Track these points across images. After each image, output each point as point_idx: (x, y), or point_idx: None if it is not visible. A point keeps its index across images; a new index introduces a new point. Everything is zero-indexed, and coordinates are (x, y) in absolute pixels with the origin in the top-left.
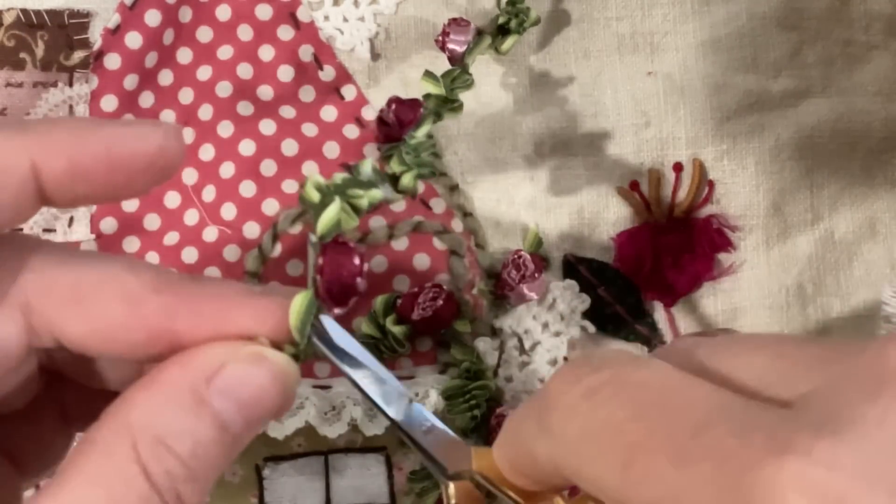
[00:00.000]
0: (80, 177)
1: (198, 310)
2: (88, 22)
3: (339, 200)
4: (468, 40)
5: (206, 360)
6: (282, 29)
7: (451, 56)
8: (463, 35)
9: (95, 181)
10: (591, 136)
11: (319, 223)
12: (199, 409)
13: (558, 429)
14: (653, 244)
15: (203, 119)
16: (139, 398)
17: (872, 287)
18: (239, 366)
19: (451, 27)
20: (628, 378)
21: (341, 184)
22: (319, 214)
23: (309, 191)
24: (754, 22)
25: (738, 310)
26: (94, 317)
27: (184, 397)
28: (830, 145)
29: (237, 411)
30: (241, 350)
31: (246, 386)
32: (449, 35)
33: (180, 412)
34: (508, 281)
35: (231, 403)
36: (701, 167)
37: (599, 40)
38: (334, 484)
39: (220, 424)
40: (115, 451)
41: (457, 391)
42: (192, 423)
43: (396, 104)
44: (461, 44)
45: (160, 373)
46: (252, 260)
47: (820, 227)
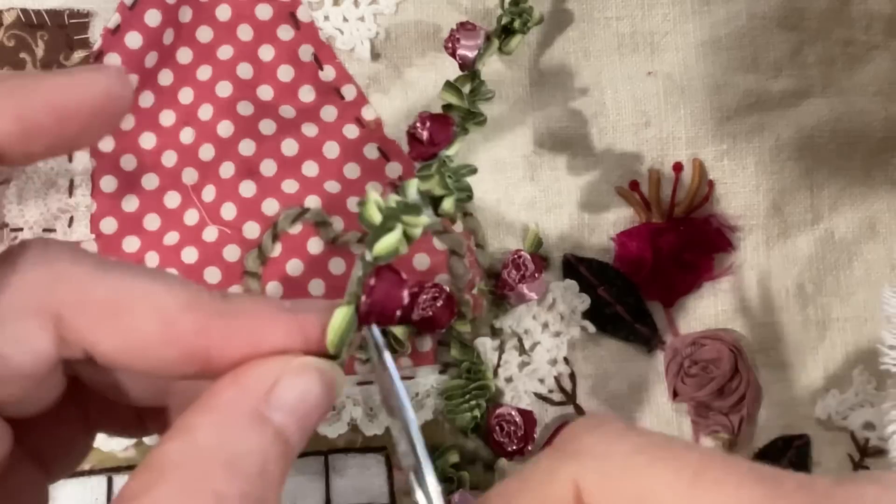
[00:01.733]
0: (32, 133)
1: (231, 328)
2: (88, 22)
3: (401, 227)
4: (478, 45)
5: (260, 378)
6: (282, 29)
7: (462, 62)
8: (473, 40)
9: (48, 135)
10: (591, 136)
11: (378, 245)
12: (263, 427)
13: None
14: (653, 244)
15: (203, 119)
16: (203, 422)
17: (873, 287)
18: (292, 379)
19: (459, 32)
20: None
21: (397, 208)
22: (379, 236)
23: (371, 210)
24: (754, 22)
25: (738, 310)
26: (128, 333)
27: (247, 417)
28: (830, 145)
29: (295, 423)
30: (291, 363)
31: (302, 398)
32: (459, 41)
33: (246, 433)
34: (508, 281)
35: (290, 417)
36: (701, 167)
37: (599, 40)
38: (334, 484)
39: (282, 438)
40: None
41: (457, 391)
42: (258, 441)
43: (430, 122)
44: (472, 49)
45: (217, 395)
46: (252, 260)
47: (820, 227)
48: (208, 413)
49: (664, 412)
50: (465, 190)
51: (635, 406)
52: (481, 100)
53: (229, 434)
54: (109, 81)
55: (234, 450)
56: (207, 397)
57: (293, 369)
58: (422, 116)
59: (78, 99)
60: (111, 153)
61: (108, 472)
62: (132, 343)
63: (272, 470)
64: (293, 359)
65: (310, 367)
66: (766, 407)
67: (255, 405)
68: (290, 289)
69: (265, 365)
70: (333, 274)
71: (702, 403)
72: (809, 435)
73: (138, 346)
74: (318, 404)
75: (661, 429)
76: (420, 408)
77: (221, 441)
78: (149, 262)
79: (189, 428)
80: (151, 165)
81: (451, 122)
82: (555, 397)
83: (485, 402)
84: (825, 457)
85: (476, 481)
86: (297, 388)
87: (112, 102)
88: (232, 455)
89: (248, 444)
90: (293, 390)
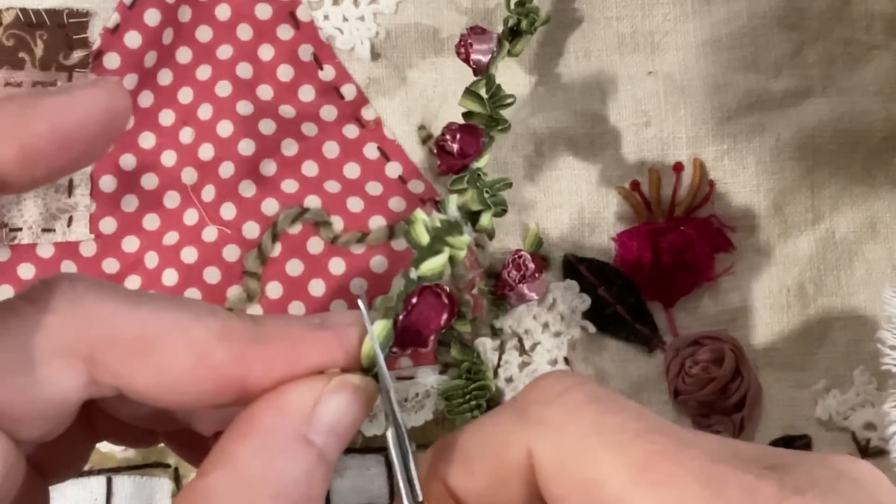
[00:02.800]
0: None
1: (267, 354)
2: (88, 21)
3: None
4: (491, 48)
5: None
6: (281, 28)
7: (476, 67)
8: (485, 43)
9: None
10: (591, 136)
11: (425, 266)
12: (307, 451)
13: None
14: (653, 244)
15: (203, 119)
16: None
17: (873, 287)
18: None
19: (472, 37)
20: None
21: (442, 228)
22: (426, 257)
23: (419, 230)
24: (755, 21)
25: (739, 310)
26: (162, 370)
27: (291, 442)
28: (831, 145)
29: (336, 443)
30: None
31: (342, 417)
32: (472, 45)
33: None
34: (508, 281)
35: (331, 437)
36: (701, 167)
37: (600, 40)
38: (334, 484)
39: (325, 459)
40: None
41: (457, 391)
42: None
43: (460, 133)
44: (485, 53)
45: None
46: (252, 260)
47: (821, 227)
48: (249, 440)
49: (665, 412)
50: (501, 204)
51: None
52: (501, 105)
53: (274, 462)
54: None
55: (281, 479)
56: (246, 422)
57: (332, 388)
58: (451, 128)
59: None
60: (111, 153)
61: (108, 472)
62: (166, 379)
63: (317, 494)
64: (330, 377)
65: (348, 385)
66: (766, 407)
67: (298, 429)
68: (289, 289)
69: (303, 386)
70: (333, 274)
71: (703, 403)
72: (810, 435)
73: (173, 381)
74: (356, 420)
75: None
76: (420, 408)
77: (267, 470)
78: (148, 262)
79: (232, 457)
80: (151, 165)
81: (480, 133)
82: None
83: (485, 403)
84: None
85: None
86: (337, 408)
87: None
88: (279, 485)
89: (295, 472)
90: (334, 410)
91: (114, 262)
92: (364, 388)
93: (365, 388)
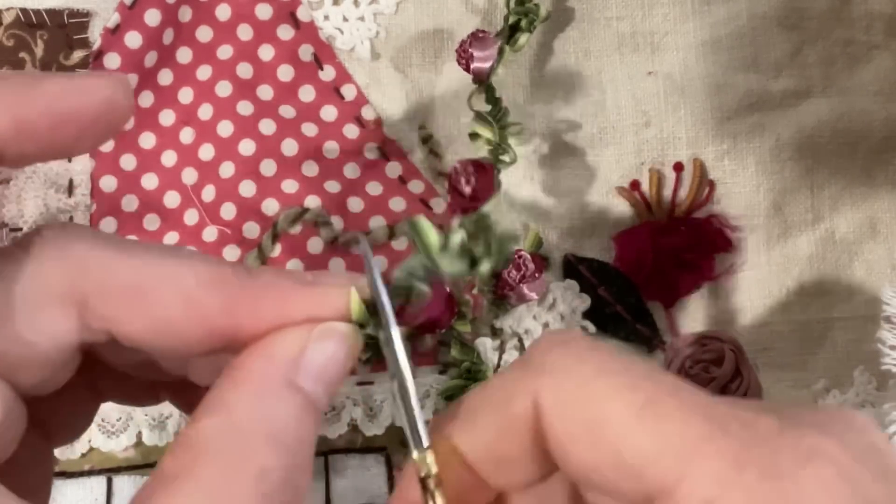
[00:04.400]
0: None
1: (257, 303)
2: (88, 21)
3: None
4: (492, 55)
5: (287, 347)
6: (282, 28)
7: (476, 76)
8: (486, 49)
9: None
10: (591, 136)
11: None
12: (296, 396)
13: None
14: (653, 244)
15: (203, 119)
16: (237, 397)
17: (873, 287)
18: (319, 344)
19: (473, 43)
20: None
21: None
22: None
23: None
24: (755, 22)
25: (739, 310)
26: (153, 315)
27: (280, 388)
28: (831, 145)
29: (323, 388)
30: (315, 330)
31: (328, 362)
32: (472, 53)
33: (282, 404)
34: (508, 281)
35: (319, 383)
36: (701, 167)
37: (600, 40)
38: (334, 484)
39: (313, 405)
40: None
41: (457, 391)
42: (295, 412)
43: (475, 175)
44: (485, 59)
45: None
46: (252, 260)
47: (821, 227)
48: (241, 386)
49: None
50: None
51: None
52: (512, 134)
53: (264, 407)
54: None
55: (272, 423)
56: (236, 370)
57: (318, 334)
58: (464, 166)
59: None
60: (111, 153)
61: (108, 472)
62: (157, 324)
63: (307, 438)
64: (317, 325)
65: (333, 331)
66: None
67: (286, 374)
68: None
69: (291, 334)
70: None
71: None
72: None
73: (163, 326)
74: (342, 367)
75: None
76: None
77: (258, 415)
78: None
79: (223, 403)
80: (151, 165)
81: (492, 174)
82: None
83: None
84: None
85: None
86: (324, 353)
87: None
88: (272, 429)
89: (285, 416)
90: (320, 356)
91: None
92: (350, 335)
93: (351, 336)
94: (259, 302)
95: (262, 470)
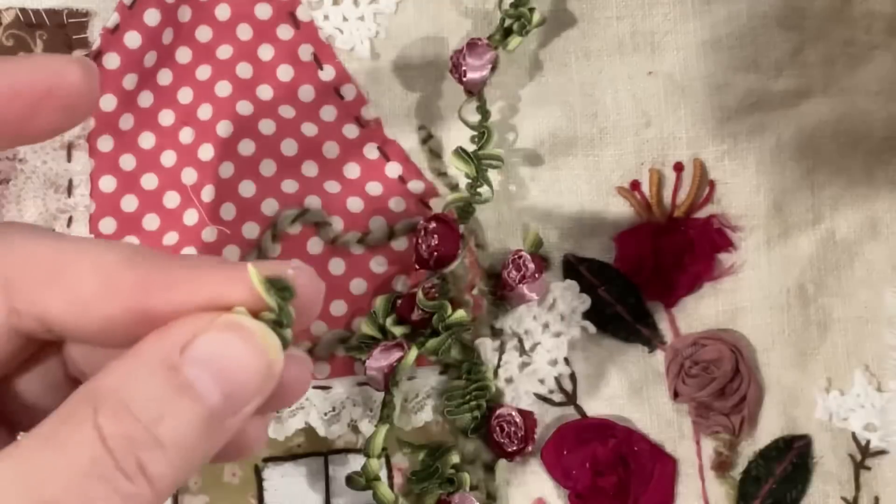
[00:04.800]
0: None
1: (170, 282)
2: (87, 21)
3: None
4: (486, 64)
5: (181, 330)
6: (281, 28)
7: (468, 88)
8: (481, 58)
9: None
10: (591, 136)
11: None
12: (170, 376)
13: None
14: (653, 244)
15: (203, 119)
16: (111, 367)
17: (873, 287)
18: (214, 334)
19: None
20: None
21: None
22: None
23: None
24: (755, 21)
25: (739, 310)
26: (70, 291)
27: (155, 365)
28: (831, 145)
29: (212, 381)
30: (216, 319)
31: (221, 354)
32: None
33: (149, 379)
34: (508, 281)
35: (205, 372)
36: (702, 167)
37: (600, 40)
38: (334, 484)
39: (193, 394)
40: (75, 414)
41: (457, 392)
42: (161, 390)
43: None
44: (479, 69)
45: (138, 345)
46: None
47: (821, 228)
48: (122, 360)
49: (665, 412)
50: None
51: (636, 406)
52: (490, 165)
53: (131, 379)
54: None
55: (132, 394)
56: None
57: (217, 325)
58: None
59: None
60: (110, 153)
61: None
62: (75, 301)
63: (175, 424)
64: (220, 315)
65: (235, 325)
66: (766, 407)
67: (168, 355)
68: None
69: (192, 319)
70: (333, 274)
71: (703, 404)
72: (810, 435)
73: (81, 303)
74: (241, 365)
75: (662, 430)
76: (420, 408)
77: (121, 384)
78: None
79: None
80: (151, 165)
81: (458, 236)
82: (555, 398)
83: (485, 403)
84: (826, 458)
85: (476, 481)
86: (216, 344)
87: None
88: (127, 398)
89: (148, 391)
90: (211, 345)
91: None
92: (257, 333)
93: (258, 334)
94: (171, 279)
95: (100, 434)
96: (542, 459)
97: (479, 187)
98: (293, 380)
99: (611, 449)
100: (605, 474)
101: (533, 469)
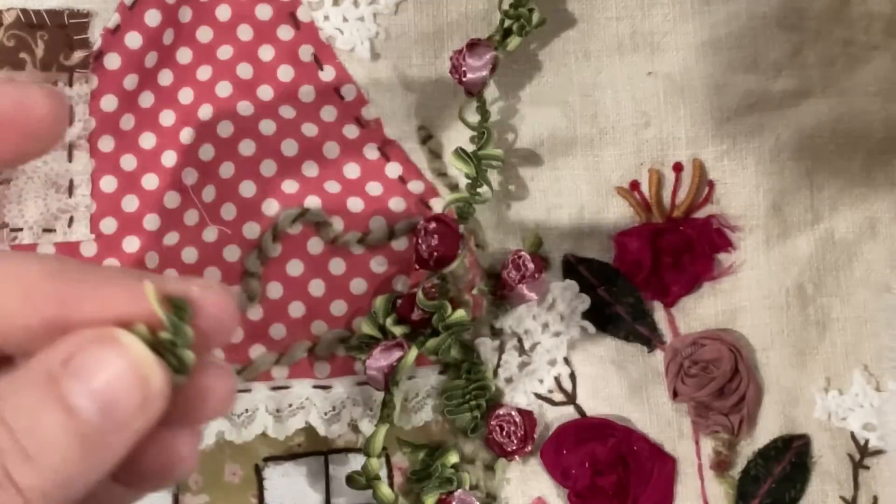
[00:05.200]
0: None
1: (86, 294)
2: (88, 22)
3: None
4: (486, 64)
5: (68, 343)
6: (282, 29)
7: (468, 88)
8: (481, 58)
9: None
10: (590, 137)
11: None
12: (47, 388)
13: None
14: (653, 244)
15: (203, 119)
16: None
17: (873, 287)
18: (91, 349)
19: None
20: None
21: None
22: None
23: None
24: (754, 22)
25: (738, 310)
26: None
27: (37, 377)
28: (830, 145)
29: (88, 396)
30: (95, 333)
31: (96, 370)
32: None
33: (28, 390)
34: (508, 281)
35: (81, 386)
36: (701, 167)
37: (599, 40)
38: (334, 484)
39: (66, 407)
40: None
41: (457, 391)
42: (37, 401)
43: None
44: (479, 70)
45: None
46: (252, 260)
47: (820, 228)
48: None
49: (664, 412)
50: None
51: (635, 406)
52: (491, 166)
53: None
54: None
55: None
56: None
57: (93, 339)
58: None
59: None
60: (111, 153)
61: None
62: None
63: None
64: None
65: (112, 341)
66: (765, 407)
67: (49, 367)
68: (289, 289)
69: (81, 333)
70: (333, 274)
71: (702, 404)
72: (809, 435)
73: (4, 319)
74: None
75: (661, 429)
76: (420, 408)
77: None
78: (148, 263)
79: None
80: (151, 165)
81: (458, 236)
82: (555, 397)
83: (485, 403)
84: (825, 457)
85: (475, 481)
86: (92, 359)
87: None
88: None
89: (22, 401)
90: (88, 360)
91: (114, 263)
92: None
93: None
94: (85, 293)
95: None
96: (541, 459)
97: (479, 187)
98: (213, 393)
99: (610, 448)
100: (604, 474)
101: (532, 468)
